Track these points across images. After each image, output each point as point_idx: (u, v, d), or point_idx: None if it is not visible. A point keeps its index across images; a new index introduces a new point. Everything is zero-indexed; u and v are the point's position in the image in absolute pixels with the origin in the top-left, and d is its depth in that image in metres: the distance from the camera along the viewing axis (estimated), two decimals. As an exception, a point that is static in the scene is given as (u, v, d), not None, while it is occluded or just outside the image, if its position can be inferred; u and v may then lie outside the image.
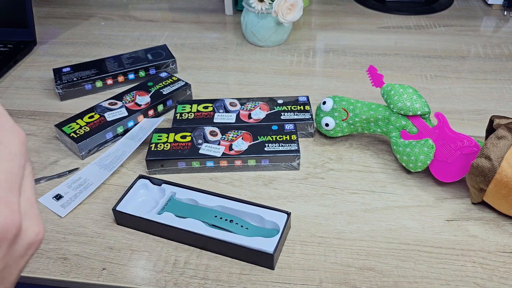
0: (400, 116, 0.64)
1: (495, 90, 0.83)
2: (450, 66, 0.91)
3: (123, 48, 0.99)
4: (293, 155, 0.65)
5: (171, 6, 1.18)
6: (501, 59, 0.93)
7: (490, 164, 0.54)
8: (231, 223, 0.56)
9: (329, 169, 0.67)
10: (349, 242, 0.56)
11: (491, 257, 0.54)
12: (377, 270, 0.53)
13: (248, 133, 0.68)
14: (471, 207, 0.60)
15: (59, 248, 0.56)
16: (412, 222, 0.59)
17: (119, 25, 1.09)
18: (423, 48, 0.97)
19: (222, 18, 1.12)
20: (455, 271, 0.52)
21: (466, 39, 1.00)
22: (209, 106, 0.75)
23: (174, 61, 0.89)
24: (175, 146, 0.66)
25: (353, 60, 0.93)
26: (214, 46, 0.99)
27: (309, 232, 0.57)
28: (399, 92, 0.64)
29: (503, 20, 1.08)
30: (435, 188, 0.63)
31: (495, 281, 0.51)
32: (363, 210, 0.60)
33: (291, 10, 0.90)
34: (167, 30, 1.06)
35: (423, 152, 0.61)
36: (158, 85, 0.79)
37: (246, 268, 0.53)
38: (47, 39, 1.03)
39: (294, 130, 0.68)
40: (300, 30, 1.05)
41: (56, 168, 0.68)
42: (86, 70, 0.85)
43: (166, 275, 0.53)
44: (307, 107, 0.74)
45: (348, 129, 0.68)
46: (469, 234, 0.57)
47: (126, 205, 0.59)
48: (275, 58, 0.94)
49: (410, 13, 1.12)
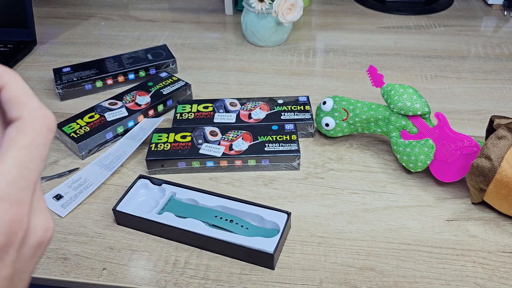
0: (400, 116, 0.64)
1: (495, 90, 0.83)
2: (450, 66, 0.91)
3: (123, 48, 0.99)
4: (293, 155, 0.65)
5: (171, 6, 1.18)
6: (501, 59, 0.93)
7: (490, 164, 0.54)
8: (231, 223, 0.56)
9: (329, 169, 0.67)
10: (349, 242, 0.56)
11: (491, 257, 0.54)
12: (377, 270, 0.53)
13: (248, 133, 0.68)
14: (471, 207, 0.60)
15: (59, 248, 0.56)
16: (412, 222, 0.59)
17: (119, 25, 1.09)
18: (423, 48, 0.97)
19: (222, 18, 1.12)
20: (455, 271, 0.52)
21: (466, 39, 1.00)
22: (209, 106, 0.75)
23: (174, 61, 0.89)
24: (175, 146, 0.66)
25: (353, 60, 0.93)
26: (214, 46, 0.99)
27: (309, 232, 0.57)
28: (399, 92, 0.64)
29: (503, 20, 1.08)
30: (435, 188, 0.63)
31: (495, 281, 0.51)
32: (363, 210, 0.60)
33: (291, 10, 0.90)
34: (167, 30, 1.06)
35: (423, 152, 0.61)
36: (158, 85, 0.79)
37: (246, 268, 0.53)
38: (47, 39, 1.03)
39: (294, 130, 0.68)
40: (300, 30, 1.05)
41: (56, 168, 0.68)
42: (86, 70, 0.85)
43: (166, 275, 0.53)
44: (307, 107, 0.74)
45: (348, 129, 0.68)
46: (469, 234, 0.57)
47: (126, 205, 0.59)
48: (275, 58, 0.94)
49: (410, 13, 1.12)
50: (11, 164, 0.21)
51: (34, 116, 0.22)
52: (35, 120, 0.22)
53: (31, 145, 0.22)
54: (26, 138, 0.22)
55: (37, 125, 0.22)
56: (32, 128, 0.22)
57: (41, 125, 0.23)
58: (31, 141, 0.22)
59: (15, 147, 0.22)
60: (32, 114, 0.22)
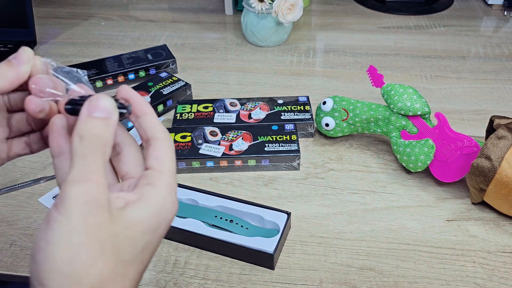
0: (400, 116, 0.64)
1: (495, 90, 0.83)
2: (450, 66, 0.91)
3: (123, 48, 0.99)
4: (293, 155, 0.65)
5: (171, 6, 1.18)
6: (501, 59, 0.93)
7: (490, 164, 0.54)
8: (231, 223, 0.56)
9: (329, 169, 0.67)
10: (349, 242, 0.56)
11: (491, 257, 0.54)
12: (377, 270, 0.53)
13: (248, 133, 0.68)
14: (471, 207, 0.60)
15: (59, 248, 0.56)
16: (412, 222, 0.59)
17: (119, 25, 1.09)
18: (423, 48, 0.97)
19: (222, 18, 1.12)
20: (455, 271, 0.52)
21: (466, 39, 1.00)
22: (209, 106, 0.75)
23: (174, 61, 0.89)
24: (175, 146, 0.66)
25: (353, 60, 0.93)
26: (214, 46, 0.99)
27: (309, 232, 0.57)
28: (399, 92, 0.64)
29: (503, 20, 1.08)
30: (435, 188, 0.63)
31: (495, 281, 0.51)
32: (363, 210, 0.60)
33: (291, 10, 0.90)
34: (167, 30, 1.06)
35: (423, 152, 0.61)
36: (158, 85, 0.79)
37: (246, 268, 0.53)
38: (47, 39, 1.03)
39: (294, 130, 0.68)
40: (300, 30, 1.05)
41: (56, 168, 0.68)
42: (86, 70, 0.84)
43: (166, 275, 0.53)
44: (307, 107, 0.74)
45: (348, 129, 0.68)
46: (469, 234, 0.57)
47: (126, 205, 0.59)
48: (275, 58, 0.94)
49: (410, 13, 1.12)
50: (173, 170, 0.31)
51: (168, 137, 0.32)
52: (170, 140, 0.32)
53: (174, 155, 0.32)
54: (172, 152, 0.32)
55: (171, 143, 0.32)
56: (171, 142, 0.32)
57: (172, 142, 0.33)
58: (173, 154, 0.32)
59: (170, 158, 0.31)
60: (167, 136, 0.32)
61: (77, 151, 0.27)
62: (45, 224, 0.26)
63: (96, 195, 0.26)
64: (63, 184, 0.27)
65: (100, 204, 0.26)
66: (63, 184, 0.26)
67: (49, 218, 0.26)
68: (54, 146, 0.31)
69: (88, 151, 0.27)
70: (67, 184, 0.26)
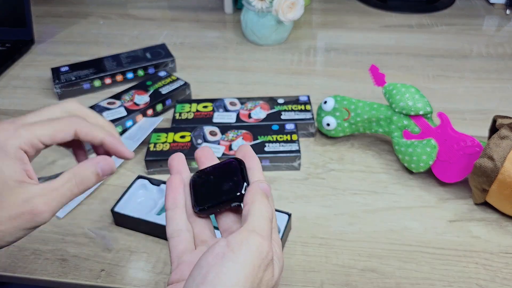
0: (402, 116, 0.63)
1: (497, 90, 0.83)
2: (453, 66, 0.90)
3: (122, 47, 0.98)
4: (294, 155, 0.64)
5: (170, 5, 1.18)
6: (503, 58, 0.92)
7: (492, 164, 0.54)
8: (231, 224, 0.56)
9: (330, 170, 0.66)
10: (351, 243, 0.55)
11: (494, 258, 0.53)
12: (379, 271, 0.52)
13: (248, 133, 0.67)
14: (474, 208, 0.60)
15: (58, 249, 0.56)
16: (414, 223, 0.58)
17: (117, 24, 1.09)
18: (425, 47, 0.97)
19: (222, 16, 1.11)
20: (457, 272, 0.52)
21: (468, 38, 1.00)
22: (209, 106, 0.74)
23: (173, 60, 0.88)
24: (175, 146, 0.66)
25: (355, 59, 0.93)
26: (213, 45, 0.99)
27: (310, 233, 0.57)
28: (401, 92, 0.63)
29: (505, 19, 1.08)
30: (437, 189, 0.63)
31: (498, 283, 0.51)
32: (365, 211, 0.60)
33: (292, 9, 0.89)
34: (166, 29, 1.06)
35: (425, 152, 0.61)
36: (157, 85, 0.79)
37: (246, 269, 0.53)
38: (45, 38, 1.03)
39: (295, 130, 0.68)
40: (300, 29, 1.04)
41: (54, 169, 0.67)
42: (85, 69, 0.84)
43: (165, 277, 0.52)
44: (308, 106, 0.73)
45: (350, 129, 0.68)
46: (471, 235, 0.56)
47: (125, 206, 0.58)
48: (275, 57, 0.94)
49: (412, 11, 1.11)
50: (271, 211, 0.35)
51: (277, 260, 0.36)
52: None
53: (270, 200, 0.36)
54: (266, 199, 0.36)
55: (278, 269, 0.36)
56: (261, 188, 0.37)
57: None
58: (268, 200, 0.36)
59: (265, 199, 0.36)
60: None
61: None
62: (217, 259, 0.31)
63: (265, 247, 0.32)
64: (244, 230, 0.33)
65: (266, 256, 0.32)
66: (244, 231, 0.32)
67: (223, 256, 0.31)
68: (170, 199, 0.38)
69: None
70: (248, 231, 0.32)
